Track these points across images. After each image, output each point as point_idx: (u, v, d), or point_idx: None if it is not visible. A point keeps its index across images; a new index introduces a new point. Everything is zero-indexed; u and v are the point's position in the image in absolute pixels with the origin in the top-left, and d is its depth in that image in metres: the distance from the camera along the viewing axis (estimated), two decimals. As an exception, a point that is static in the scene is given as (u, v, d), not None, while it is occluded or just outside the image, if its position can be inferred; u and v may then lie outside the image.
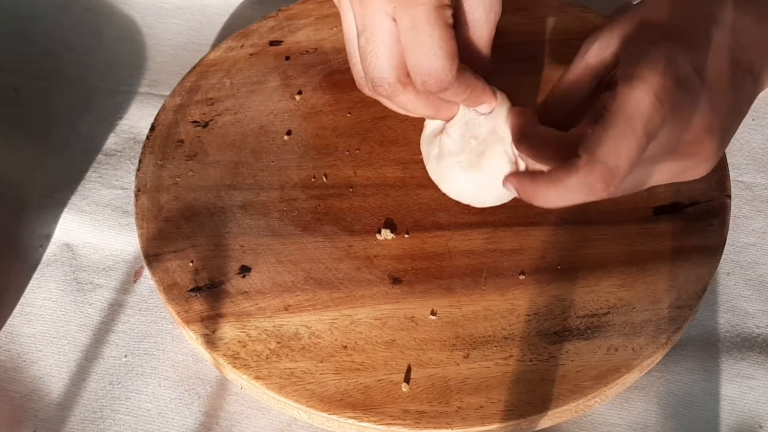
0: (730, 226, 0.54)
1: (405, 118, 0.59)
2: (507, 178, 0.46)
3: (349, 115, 0.60)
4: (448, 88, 0.46)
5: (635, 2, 0.49)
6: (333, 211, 0.55)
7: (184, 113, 0.60)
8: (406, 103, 0.49)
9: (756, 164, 0.61)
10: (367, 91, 0.50)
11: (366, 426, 0.47)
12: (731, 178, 0.56)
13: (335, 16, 0.65)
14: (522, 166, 0.49)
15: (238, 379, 0.49)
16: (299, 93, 0.61)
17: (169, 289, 0.52)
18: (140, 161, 0.58)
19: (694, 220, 0.54)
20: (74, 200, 0.60)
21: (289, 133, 0.59)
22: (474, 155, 0.50)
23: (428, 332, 0.50)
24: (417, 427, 0.47)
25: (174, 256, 0.53)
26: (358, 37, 0.47)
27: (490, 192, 0.50)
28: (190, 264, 0.53)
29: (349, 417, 0.47)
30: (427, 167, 0.52)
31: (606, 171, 0.41)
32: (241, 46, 0.64)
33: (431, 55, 0.45)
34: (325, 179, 0.57)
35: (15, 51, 0.70)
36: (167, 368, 0.53)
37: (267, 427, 0.51)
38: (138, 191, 0.56)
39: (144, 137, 0.59)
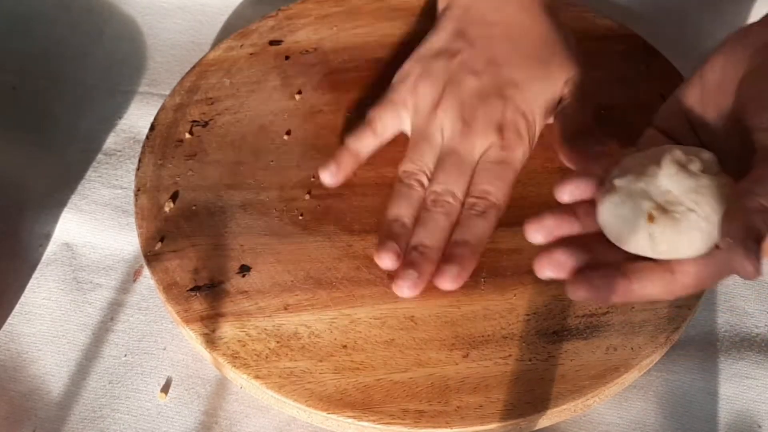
0: (729, 226, 0.54)
1: (404, 118, 0.59)
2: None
3: (348, 115, 0.60)
4: None
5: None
6: (333, 210, 0.55)
7: (183, 113, 0.60)
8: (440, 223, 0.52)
9: (755, 164, 0.60)
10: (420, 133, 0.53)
11: (365, 425, 0.47)
12: (730, 178, 0.56)
13: (335, 16, 0.65)
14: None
15: (237, 378, 0.49)
16: (299, 93, 0.61)
17: (169, 288, 0.52)
18: (140, 161, 0.58)
19: (693, 220, 0.53)
20: (74, 200, 0.60)
21: (288, 132, 0.59)
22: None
23: (427, 332, 0.50)
24: (416, 427, 0.47)
25: (174, 255, 0.53)
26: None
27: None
28: (190, 263, 0.53)
29: (349, 416, 0.47)
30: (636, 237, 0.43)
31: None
32: (241, 45, 0.64)
33: None
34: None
35: (14, 51, 0.70)
36: (167, 367, 0.53)
37: (266, 426, 0.51)
38: (138, 191, 0.56)
39: (144, 137, 0.59)
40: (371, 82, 0.61)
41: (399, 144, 0.58)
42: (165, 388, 0.52)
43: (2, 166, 0.62)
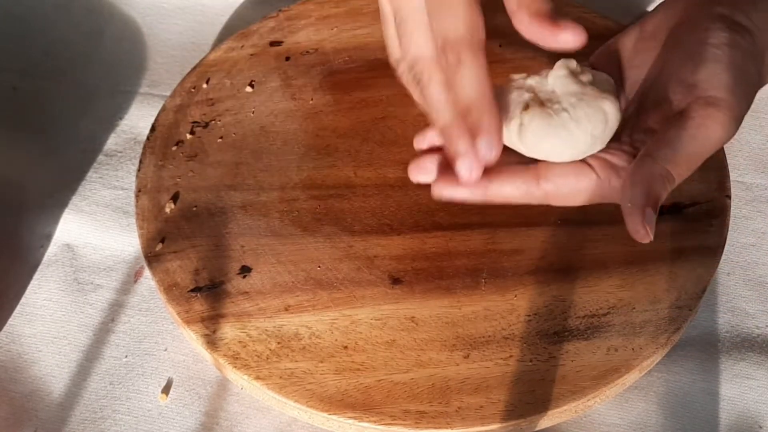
0: (730, 227, 0.54)
1: (405, 119, 0.59)
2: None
3: (349, 115, 0.60)
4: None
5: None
6: (333, 211, 0.55)
7: (184, 114, 0.60)
8: (438, 92, 0.44)
9: (756, 164, 0.61)
10: (405, 77, 0.46)
11: (366, 426, 0.47)
12: (731, 178, 0.56)
13: (336, 17, 0.65)
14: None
15: (238, 379, 0.49)
16: (300, 93, 0.61)
17: (170, 289, 0.52)
18: (140, 162, 0.58)
19: (694, 220, 0.54)
20: (75, 200, 0.60)
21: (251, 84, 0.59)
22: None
23: (428, 332, 0.50)
24: (417, 427, 0.47)
25: (174, 256, 0.53)
26: (394, 17, 0.45)
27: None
28: (191, 264, 0.53)
29: (349, 417, 0.47)
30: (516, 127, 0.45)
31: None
32: (242, 46, 0.64)
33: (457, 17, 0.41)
34: (325, 180, 0.57)
35: (15, 51, 0.70)
36: (168, 368, 0.53)
37: (267, 427, 0.51)
38: (138, 191, 0.56)
39: (144, 137, 0.59)
40: (371, 83, 0.61)
41: (399, 144, 0.58)
42: (166, 389, 0.52)
43: (2, 167, 0.62)
